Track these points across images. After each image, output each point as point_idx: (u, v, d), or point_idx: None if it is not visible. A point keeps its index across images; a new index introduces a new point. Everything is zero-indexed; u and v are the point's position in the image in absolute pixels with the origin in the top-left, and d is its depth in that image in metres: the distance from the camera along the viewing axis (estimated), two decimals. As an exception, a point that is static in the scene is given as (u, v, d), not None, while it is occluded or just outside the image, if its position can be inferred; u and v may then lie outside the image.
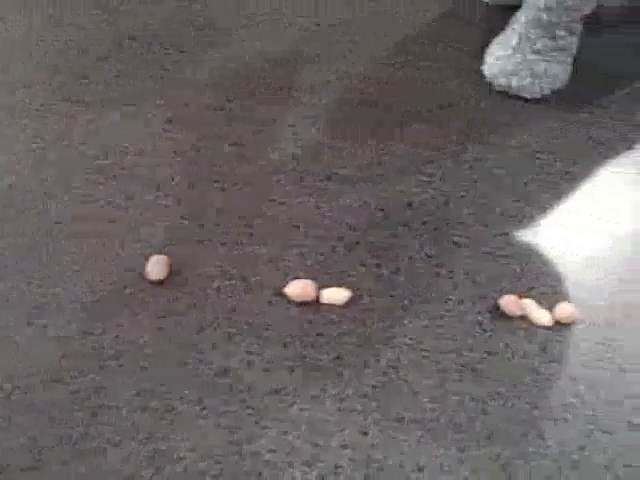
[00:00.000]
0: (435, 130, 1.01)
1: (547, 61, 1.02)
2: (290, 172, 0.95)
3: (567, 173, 0.97)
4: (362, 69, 1.10)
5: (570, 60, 1.05)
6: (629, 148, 1.00)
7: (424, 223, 0.90)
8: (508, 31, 1.05)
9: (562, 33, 1.01)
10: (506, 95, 1.06)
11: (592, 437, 0.74)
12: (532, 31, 1.01)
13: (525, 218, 0.91)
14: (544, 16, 0.99)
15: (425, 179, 0.95)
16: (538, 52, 1.02)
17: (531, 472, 0.71)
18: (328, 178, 0.95)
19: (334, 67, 1.10)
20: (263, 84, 1.07)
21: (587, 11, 1.00)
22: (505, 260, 0.87)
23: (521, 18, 1.02)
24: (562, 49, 1.02)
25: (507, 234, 0.90)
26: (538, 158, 0.98)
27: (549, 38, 1.01)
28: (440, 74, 1.10)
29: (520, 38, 1.02)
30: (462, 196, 0.94)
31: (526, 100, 1.06)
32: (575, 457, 0.73)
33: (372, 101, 1.05)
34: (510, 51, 1.03)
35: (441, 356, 0.79)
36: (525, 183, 0.95)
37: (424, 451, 0.72)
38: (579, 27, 1.02)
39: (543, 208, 0.92)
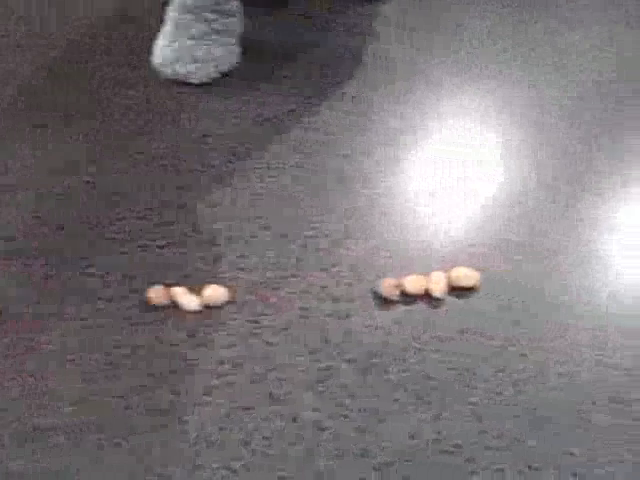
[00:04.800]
0: (101, 126, 1.01)
1: (207, 45, 1.03)
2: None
3: (234, 154, 0.98)
4: (26, 66, 1.09)
5: (234, 41, 1.06)
6: (298, 122, 1.02)
7: (82, 222, 0.90)
8: (167, 20, 1.05)
9: (213, 16, 1.01)
10: (175, 83, 1.06)
11: (232, 416, 0.75)
12: (183, 17, 1.01)
13: (186, 205, 0.92)
14: (187, 1, 0.99)
15: (88, 179, 0.95)
16: (194, 37, 1.02)
17: (168, 458, 0.72)
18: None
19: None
20: None
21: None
22: (161, 251, 0.88)
23: (172, 5, 1.02)
24: (219, 31, 1.03)
25: (167, 224, 0.90)
26: (204, 142, 0.99)
27: (201, 22, 1.01)
28: (113, 69, 1.09)
29: (176, 26, 1.02)
30: (126, 193, 0.93)
31: (195, 85, 1.06)
32: (213, 438, 0.74)
33: (38, 103, 1.04)
34: (170, 39, 1.03)
35: (86, 357, 0.79)
36: (190, 170, 0.96)
37: (63, 455, 0.72)
38: (235, 8, 1.03)
39: (200, 193, 0.93)
